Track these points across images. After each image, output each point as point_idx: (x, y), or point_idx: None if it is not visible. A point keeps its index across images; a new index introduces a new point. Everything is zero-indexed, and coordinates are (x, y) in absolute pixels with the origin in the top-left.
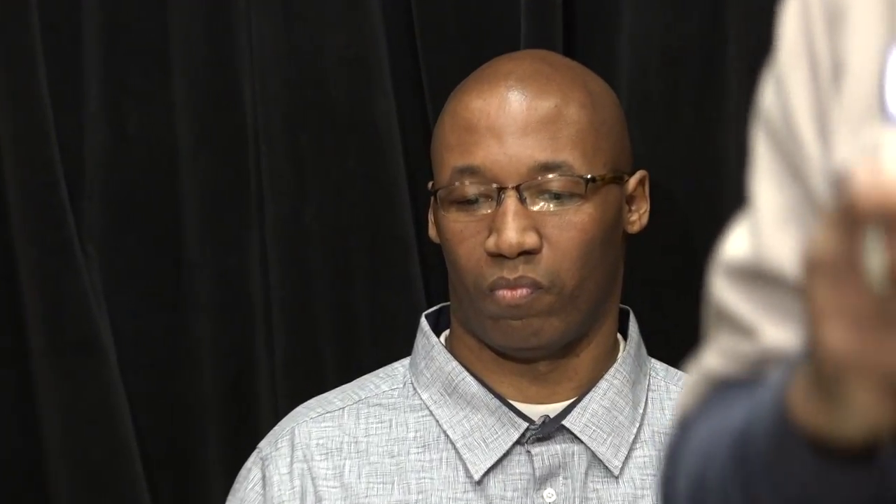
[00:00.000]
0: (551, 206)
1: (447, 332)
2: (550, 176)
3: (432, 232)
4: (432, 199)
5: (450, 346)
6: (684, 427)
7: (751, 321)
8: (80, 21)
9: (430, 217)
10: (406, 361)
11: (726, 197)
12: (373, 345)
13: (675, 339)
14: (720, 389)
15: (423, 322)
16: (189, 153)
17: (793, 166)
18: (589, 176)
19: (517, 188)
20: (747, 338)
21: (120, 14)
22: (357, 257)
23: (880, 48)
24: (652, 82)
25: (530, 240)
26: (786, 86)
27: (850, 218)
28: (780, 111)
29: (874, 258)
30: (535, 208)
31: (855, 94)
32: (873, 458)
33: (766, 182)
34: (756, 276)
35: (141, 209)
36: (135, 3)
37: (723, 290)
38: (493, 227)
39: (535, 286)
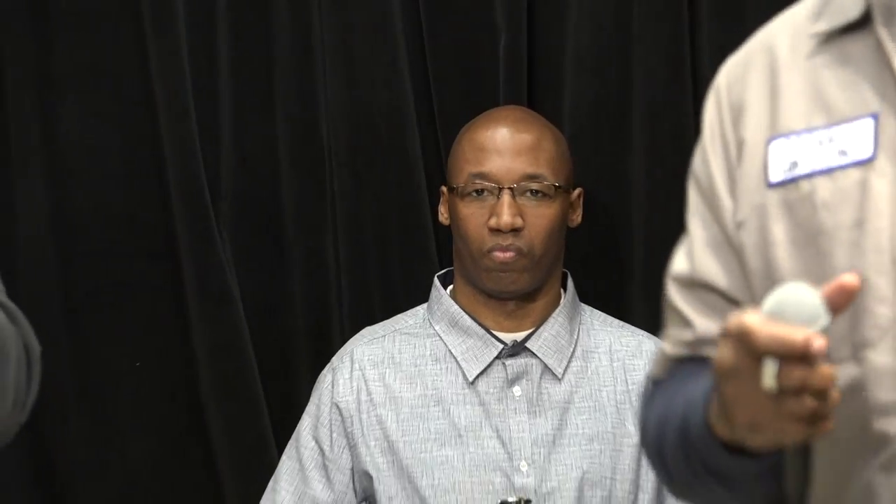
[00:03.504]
0: (532, 201)
1: (451, 286)
2: (533, 182)
3: (442, 218)
4: (444, 196)
5: (453, 295)
6: (654, 387)
7: (688, 316)
8: (218, 86)
9: (441, 208)
10: (424, 305)
11: (632, 201)
12: (405, 296)
13: (601, 295)
14: (676, 366)
15: (436, 280)
16: (287, 170)
17: (713, 212)
18: (556, 184)
19: (511, 188)
20: (687, 328)
21: (244, 79)
22: (394, 239)
23: (766, 129)
24: (583, 126)
25: (518, 221)
26: (708, 157)
27: (752, 346)
28: (705, 174)
29: (768, 372)
30: (521, 202)
31: (750, 163)
32: (762, 455)
33: (696, 221)
34: (692, 285)
35: (256, 207)
36: (254, 74)
37: (672, 293)
38: (494, 212)
39: (519, 251)
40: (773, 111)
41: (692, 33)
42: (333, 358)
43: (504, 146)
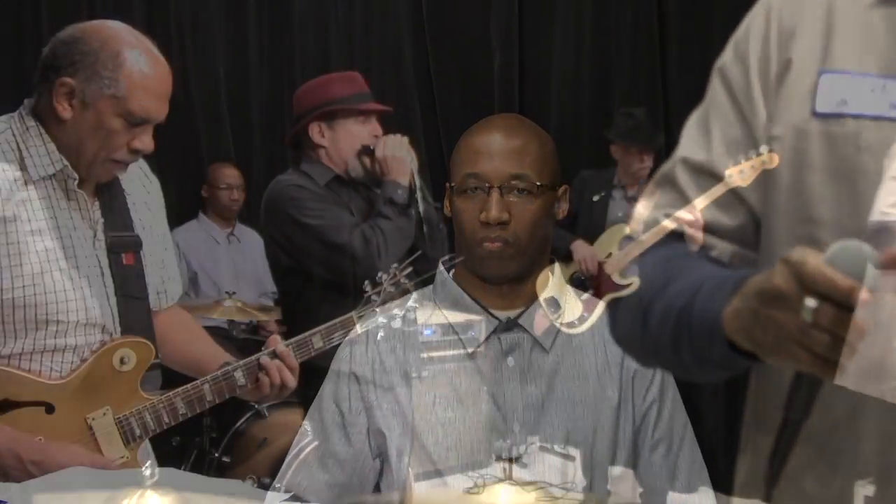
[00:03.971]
0: (517, 198)
1: (454, 270)
2: (518, 181)
3: (446, 211)
4: (448, 192)
5: (455, 278)
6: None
7: (691, 196)
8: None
9: (446, 202)
10: (431, 287)
11: (610, 204)
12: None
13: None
14: (667, 237)
15: (440, 265)
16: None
17: (743, 115)
18: (539, 183)
19: (499, 187)
20: (685, 205)
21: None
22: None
23: (817, 59)
24: (568, 136)
25: (504, 216)
26: (749, 65)
27: (804, 278)
28: (741, 78)
29: (809, 303)
30: (508, 198)
31: (794, 86)
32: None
33: (719, 119)
34: (702, 172)
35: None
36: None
37: (680, 174)
38: (485, 207)
39: (505, 242)
40: (826, 44)
41: (662, 53)
42: (351, 333)
43: (494, 150)
